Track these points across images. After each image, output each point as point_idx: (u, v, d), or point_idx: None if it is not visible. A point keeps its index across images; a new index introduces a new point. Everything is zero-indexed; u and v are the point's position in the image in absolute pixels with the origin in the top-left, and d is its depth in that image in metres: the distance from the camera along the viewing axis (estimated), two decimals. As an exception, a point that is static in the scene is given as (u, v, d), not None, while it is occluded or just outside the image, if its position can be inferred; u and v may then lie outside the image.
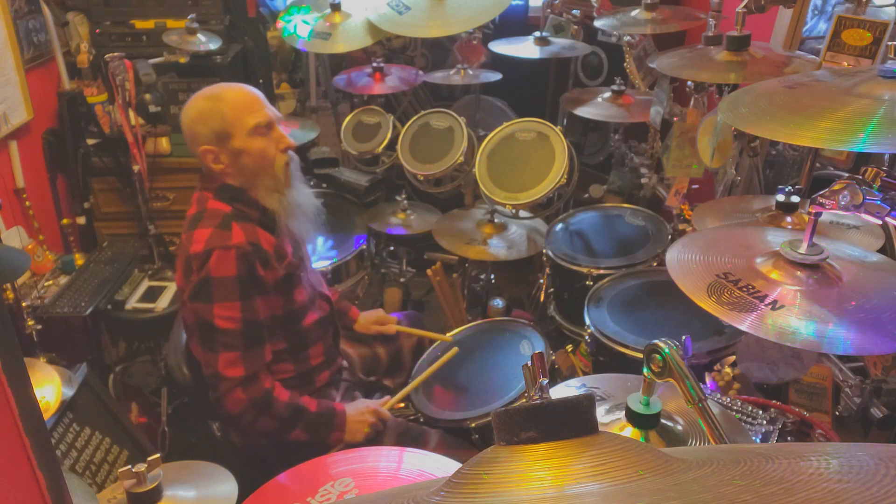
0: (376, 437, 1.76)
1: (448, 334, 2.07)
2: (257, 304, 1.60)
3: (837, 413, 1.45)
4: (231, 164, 1.61)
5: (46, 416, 1.60)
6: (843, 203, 1.00)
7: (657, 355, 0.90)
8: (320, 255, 2.48)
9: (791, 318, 1.00)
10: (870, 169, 0.99)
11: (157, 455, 1.14)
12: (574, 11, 2.84)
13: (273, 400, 1.62)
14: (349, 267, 2.57)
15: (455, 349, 1.96)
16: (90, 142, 2.80)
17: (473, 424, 1.73)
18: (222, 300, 1.55)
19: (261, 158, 1.62)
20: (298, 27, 2.77)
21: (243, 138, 1.59)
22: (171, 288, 2.54)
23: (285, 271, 1.67)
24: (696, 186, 2.22)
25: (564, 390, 1.27)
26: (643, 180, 2.68)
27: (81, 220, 2.90)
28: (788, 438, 1.38)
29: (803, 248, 1.10)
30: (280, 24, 2.84)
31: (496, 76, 2.78)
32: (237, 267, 1.55)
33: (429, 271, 2.32)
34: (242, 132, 1.59)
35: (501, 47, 2.74)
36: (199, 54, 2.73)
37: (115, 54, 2.45)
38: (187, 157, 2.89)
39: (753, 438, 1.32)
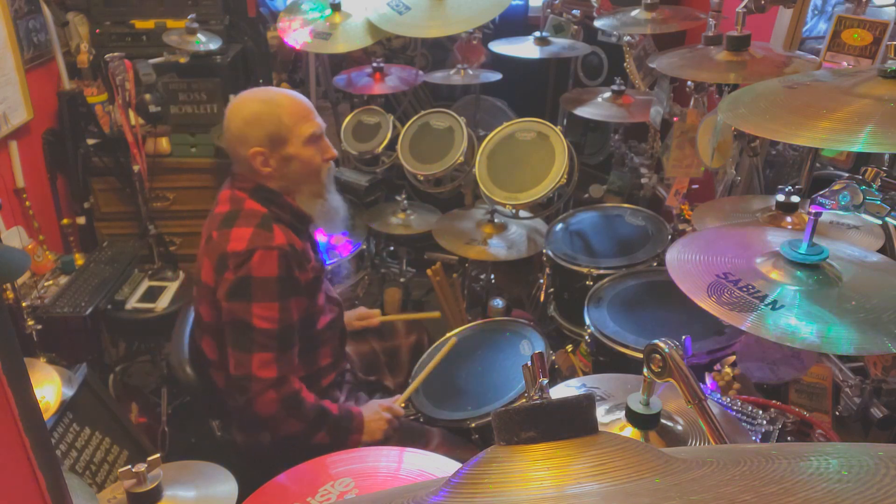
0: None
1: (448, 334, 2.07)
2: (292, 306, 1.61)
3: (837, 413, 1.45)
4: (278, 168, 1.64)
5: (46, 416, 1.59)
6: (843, 203, 1.00)
7: (657, 355, 0.90)
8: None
9: (791, 318, 1.00)
10: (870, 169, 0.99)
11: (157, 455, 1.14)
12: (574, 11, 2.84)
13: (302, 401, 1.62)
14: (349, 267, 2.57)
15: (453, 340, 1.96)
16: (90, 142, 2.80)
17: (473, 424, 1.73)
18: (262, 300, 1.55)
19: (308, 166, 1.66)
20: (297, 38, 2.78)
21: (298, 146, 1.63)
22: (172, 288, 2.54)
23: (313, 274, 1.69)
24: (696, 186, 2.23)
25: (564, 390, 1.27)
26: (643, 180, 2.68)
27: (81, 220, 2.90)
28: (788, 438, 1.38)
29: (803, 248, 1.10)
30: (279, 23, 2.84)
31: (496, 76, 2.78)
32: (279, 267, 1.56)
33: (429, 271, 2.32)
34: (298, 140, 1.63)
35: (501, 47, 2.74)
36: (199, 54, 2.73)
37: (115, 54, 2.45)
38: (187, 157, 2.89)
39: (753, 438, 1.32)
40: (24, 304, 2.13)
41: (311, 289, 1.69)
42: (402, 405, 1.86)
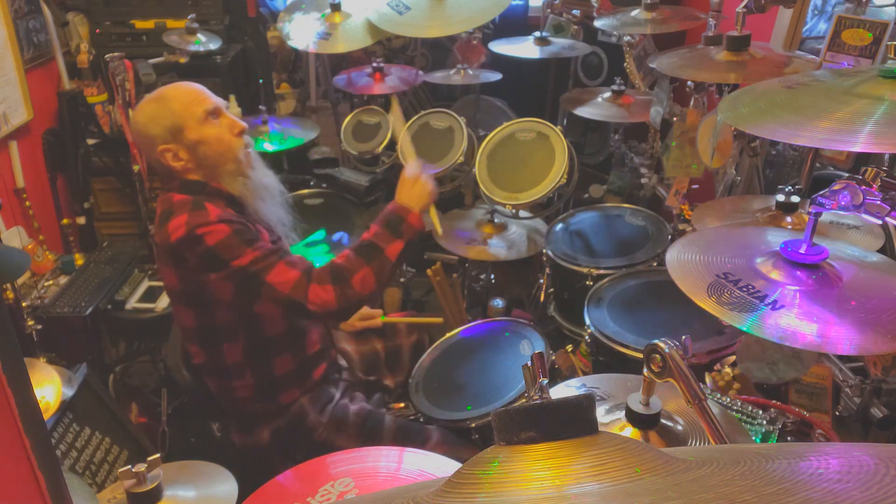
0: (371, 435, 1.76)
1: (447, 334, 2.07)
2: (263, 242, 1.60)
3: (837, 413, 1.45)
4: (191, 157, 1.62)
5: (46, 416, 1.59)
6: (843, 203, 1.00)
7: (657, 355, 0.90)
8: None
9: (791, 318, 1.00)
10: (870, 169, 0.99)
11: (157, 455, 1.14)
12: (574, 11, 2.84)
13: (339, 267, 1.61)
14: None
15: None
16: (90, 142, 2.80)
17: (473, 424, 1.73)
18: (236, 256, 1.54)
19: (218, 144, 1.63)
20: (297, 38, 2.78)
21: (196, 128, 1.60)
22: (171, 288, 2.54)
23: (271, 244, 1.66)
24: (696, 186, 2.22)
25: (564, 390, 1.27)
26: (643, 180, 2.68)
27: (81, 220, 2.90)
28: (788, 438, 1.38)
29: (803, 248, 1.10)
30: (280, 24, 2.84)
31: (496, 76, 2.78)
32: (228, 226, 1.55)
33: (429, 271, 2.32)
34: (194, 122, 1.60)
35: (501, 47, 2.74)
36: (199, 54, 2.73)
37: (115, 54, 2.45)
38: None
39: (753, 438, 1.32)
40: (24, 304, 2.13)
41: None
42: (396, 406, 1.85)
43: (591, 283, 2.04)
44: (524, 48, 2.72)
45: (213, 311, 1.65)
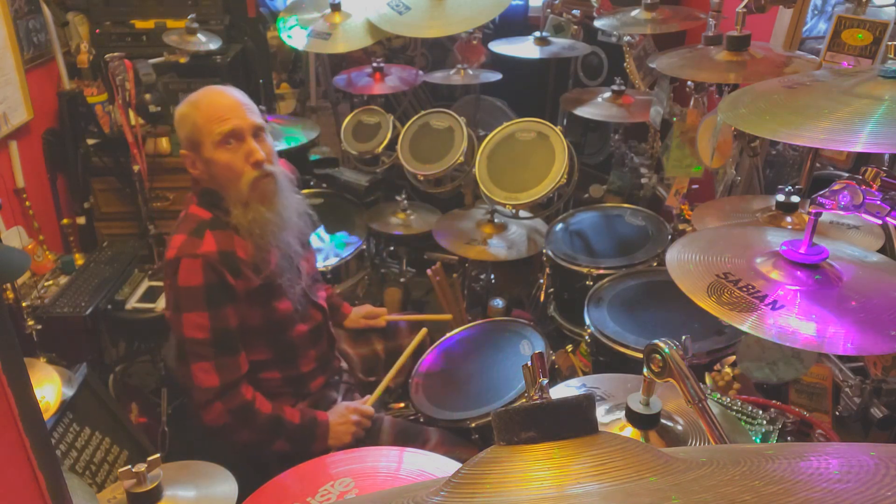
0: (371, 435, 1.76)
1: (447, 335, 2.07)
2: (227, 313, 1.57)
3: (837, 413, 1.45)
4: (204, 171, 1.59)
5: (46, 416, 1.59)
6: (843, 203, 1.00)
7: (657, 355, 0.90)
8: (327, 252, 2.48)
9: (791, 318, 1.00)
10: (870, 169, 0.99)
11: (157, 455, 1.14)
12: (574, 11, 2.84)
13: (254, 412, 1.59)
14: (349, 267, 2.57)
15: (424, 330, 1.98)
16: (90, 142, 2.80)
17: (473, 424, 1.73)
18: (190, 309, 1.53)
19: (227, 171, 1.56)
20: (294, 37, 2.78)
21: (210, 148, 1.55)
22: (171, 288, 2.54)
23: (263, 281, 1.62)
24: (696, 186, 2.22)
25: (564, 390, 1.27)
26: (643, 180, 2.68)
27: (81, 220, 2.90)
28: (788, 438, 1.38)
29: (803, 248, 1.10)
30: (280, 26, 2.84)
31: (496, 76, 2.78)
32: (203, 276, 1.52)
33: (429, 271, 2.32)
34: (210, 141, 1.55)
35: (501, 47, 2.74)
36: (199, 54, 2.73)
37: (115, 54, 2.45)
38: (187, 157, 2.89)
39: (753, 438, 1.32)
40: (24, 304, 2.13)
41: (260, 296, 1.62)
42: (396, 406, 1.85)
43: (591, 283, 2.04)
44: (524, 48, 2.72)
45: None
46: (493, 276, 2.68)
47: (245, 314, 1.61)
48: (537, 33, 2.75)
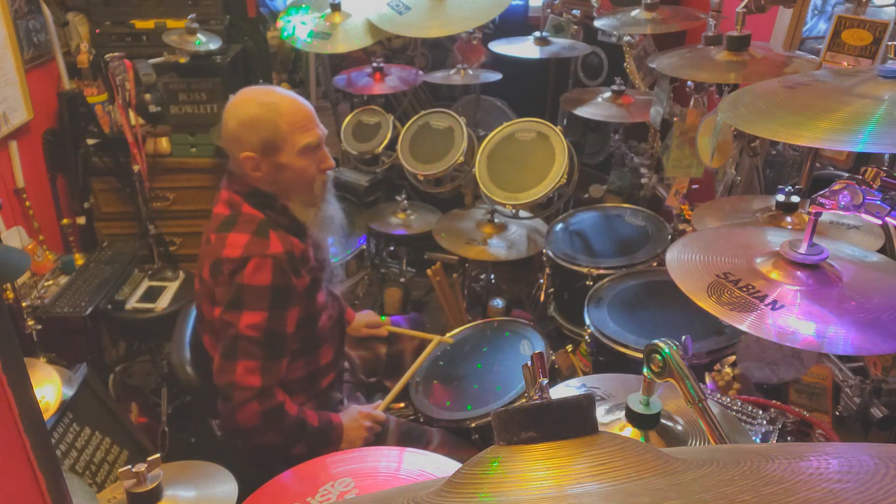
0: (378, 437, 1.76)
1: (447, 335, 2.07)
2: (286, 317, 1.58)
3: (837, 413, 1.45)
4: (269, 174, 1.59)
5: (46, 416, 1.59)
6: (843, 203, 1.00)
7: (657, 355, 0.90)
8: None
9: (791, 318, 1.00)
10: (870, 169, 0.99)
11: (157, 455, 1.14)
12: (574, 11, 2.84)
13: (283, 414, 1.59)
14: (349, 267, 2.57)
15: (436, 339, 1.96)
16: (90, 142, 2.80)
17: (473, 424, 1.73)
18: (252, 308, 1.53)
19: (301, 176, 1.61)
20: (297, 29, 2.77)
21: (292, 155, 1.58)
22: (171, 288, 2.54)
23: (311, 276, 1.66)
24: (696, 186, 2.22)
25: (564, 390, 1.26)
26: (643, 180, 2.68)
27: (81, 220, 2.90)
28: (788, 438, 1.38)
29: (803, 248, 1.10)
30: (280, 23, 2.84)
31: (496, 76, 2.78)
32: (272, 276, 1.53)
33: (429, 271, 2.32)
34: (293, 149, 1.57)
35: (501, 47, 2.74)
36: (199, 54, 2.73)
37: (115, 54, 2.45)
38: (187, 157, 2.90)
39: (753, 438, 1.32)
40: (24, 304, 2.13)
41: (309, 292, 1.67)
42: (396, 407, 1.85)
43: (591, 283, 2.04)
44: (524, 48, 2.72)
45: None
46: (493, 276, 2.68)
47: (296, 315, 1.63)
48: (537, 33, 2.75)
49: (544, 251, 2.27)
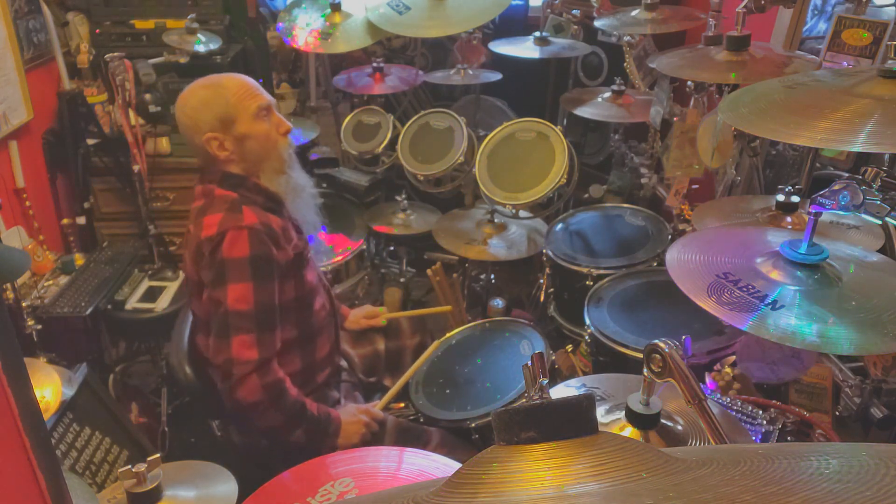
0: (376, 437, 1.76)
1: (448, 334, 2.07)
2: (271, 287, 1.60)
3: (837, 413, 1.45)
4: (236, 149, 1.64)
5: (46, 416, 1.59)
6: (843, 203, 1.00)
7: (657, 355, 0.90)
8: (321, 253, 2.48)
9: (791, 318, 1.00)
10: (870, 169, 0.99)
11: (157, 455, 1.14)
12: (574, 11, 2.85)
13: (285, 391, 1.61)
14: (349, 267, 2.57)
15: (437, 342, 1.97)
16: (90, 142, 2.80)
17: (473, 424, 1.73)
18: (236, 281, 1.55)
19: (265, 142, 1.66)
20: (297, 29, 2.78)
21: (248, 122, 1.63)
22: (172, 288, 2.54)
23: (294, 252, 1.69)
24: (696, 186, 2.22)
25: (564, 390, 1.27)
26: (643, 180, 2.68)
27: (81, 220, 2.90)
28: (788, 438, 1.38)
29: (803, 248, 1.10)
30: (279, 24, 2.84)
31: (496, 76, 2.78)
32: (250, 247, 1.56)
33: (429, 271, 2.32)
34: (247, 116, 1.62)
35: (501, 47, 2.74)
36: (199, 54, 2.72)
37: (115, 54, 2.45)
38: (187, 156, 2.89)
39: (753, 438, 1.32)
40: (24, 304, 2.13)
41: (294, 268, 1.69)
42: (397, 407, 1.86)
43: (591, 283, 2.04)
44: (524, 48, 2.72)
45: None
46: (493, 276, 2.68)
47: (282, 288, 1.65)
48: (537, 33, 2.75)
49: (544, 251, 2.27)
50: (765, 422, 1.36)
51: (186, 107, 1.64)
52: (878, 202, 0.96)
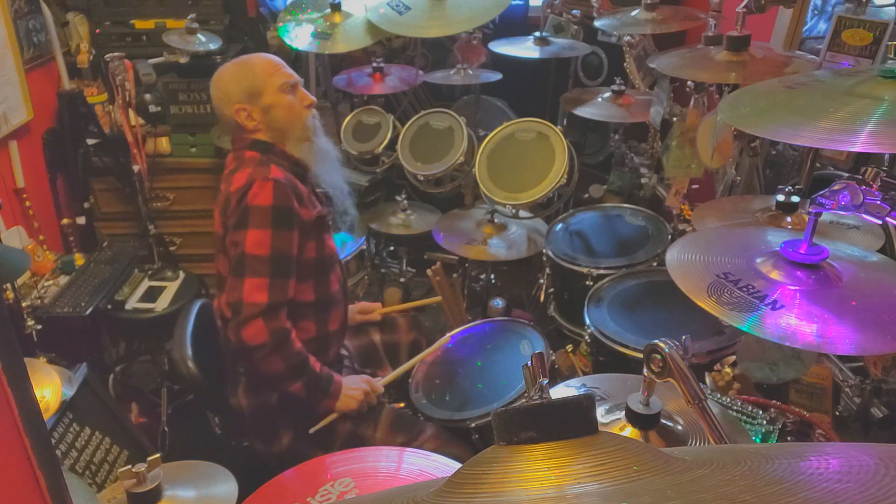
0: (370, 418, 1.78)
1: (448, 335, 2.07)
2: (289, 238, 1.68)
3: (837, 413, 1.45)
4: (262, 119, 1.76)
5: (46, 416, 1.59)
6: (843, 203, 1.00)
7: (657, 355, 0.90)
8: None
9: (791, 318, 1.00)
10: (870, 169, 0.99)
11: (157, 455, 1.14)
12: (574, 11, 2.84)
13: (289, 340, 1.68)
14: (349, 267, 2.57)
15: (447, 337, 1.99)
16: (90, 142, 2.80)
17: (473, 424, 1.73)
18: (256, 227, 1.65)
19: (290, 111, 1.79)
20: (297, 29, 2.77)
21: (273, 94, 1.76)
22: (172, 288, 2.54)
23: (317, 215, 1.78)
24: (696, 186, 2.22)
25: (564, 390, 1.27)
26: (643, 180, 2.68)
27: (81, 220, 2.89)
28: (788, 438, 1.38)
29: (803, 248, 1.10)
30: (280, 24, 2.84)
31: (496, 76, 2.78)
32: (274, 196, 1.65)
33: (429, 271, 2.32)
34: (272, 89, 1.76)
35: (501, 47, 2.74)
36: (199, 54, 2.72)
37: (115, 54, 2.45)
38: (187, 157, 2.90)
39: (753, 438, 1.32)
40: (24, 304, 2.13)
41: (316, 229, 1.77)
42: (397, 406, 1.87)
43: (591, 283, 2.04)
44: (524, 48, 2.72)
45: None
46: (493, 276, 2.68)
47: (303, 245, 1.74)
48: (537, 33, 2.75)
49: (544, 251, 2.27)
50: (765, 422, 1.36)
51: (220, 81, 1.79)
52: (878, 202, 0.96)
